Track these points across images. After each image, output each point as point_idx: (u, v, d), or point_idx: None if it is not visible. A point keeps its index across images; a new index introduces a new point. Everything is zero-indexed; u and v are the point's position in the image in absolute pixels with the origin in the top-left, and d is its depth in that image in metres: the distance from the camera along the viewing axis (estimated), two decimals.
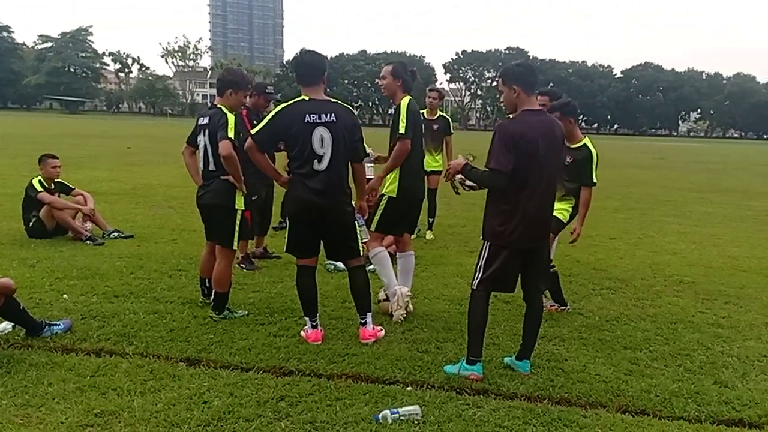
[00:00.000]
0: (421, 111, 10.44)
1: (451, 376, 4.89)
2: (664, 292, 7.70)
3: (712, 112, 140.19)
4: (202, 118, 6.13)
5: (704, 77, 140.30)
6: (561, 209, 6.42)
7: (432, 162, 10.16)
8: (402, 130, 6.06)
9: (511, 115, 4.88)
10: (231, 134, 5.77)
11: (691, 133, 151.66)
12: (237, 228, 6.08)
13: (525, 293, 5.10)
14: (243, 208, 6.11)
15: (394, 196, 6.29)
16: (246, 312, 6.27)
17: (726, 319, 6.71)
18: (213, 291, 6.20)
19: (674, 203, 17.03)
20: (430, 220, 10.55)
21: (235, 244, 6.14)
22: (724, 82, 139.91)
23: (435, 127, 10.11)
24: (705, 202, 17.46)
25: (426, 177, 10.32)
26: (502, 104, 5.08)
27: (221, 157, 5.80)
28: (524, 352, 5.10)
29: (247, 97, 6.12)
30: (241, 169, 7.73)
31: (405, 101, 6.20)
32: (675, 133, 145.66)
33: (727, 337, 6.13)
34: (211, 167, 6.04)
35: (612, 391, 4.79)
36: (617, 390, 4.81)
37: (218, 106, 6.04)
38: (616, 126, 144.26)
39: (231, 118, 5.88)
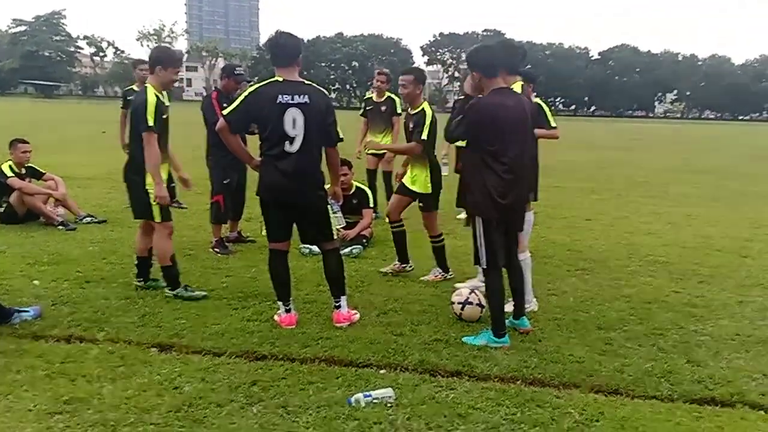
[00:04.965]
0: (370, 95, 10.76)
1: (424, 359, 4.88)
2: (639, 273, 7.74)
3: (688, 93, 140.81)
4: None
5: (680, 58, 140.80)
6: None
7: (383, 142, 10.47)
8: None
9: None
10: (151, 122, 5.78)
11: (668, 114, 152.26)
12: (150, 202, 5.95)
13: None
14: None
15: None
16: (204, 293, 6.23)
17: (700, 298, 6.75)
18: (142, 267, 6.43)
19: (650, 184, 17.11)
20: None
21: (156, 217, 6.03)
22: (700, 63, 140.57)
23: (383, 108, 10.41)
24: (680, 183, 17.55)
25: (377, 159, 10.52)
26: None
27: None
28: (518, 311, 5.59)
29: (178, 73, 6.07)
30: (214, 153, 7.67)
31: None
32: (651, 115, 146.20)
33: (701, 317, 6.17)
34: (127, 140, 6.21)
35: (585, 371, 4.81)
36: (591, 370, 4.83)
37: (146, 84, 5.97)
38: (593, 108, 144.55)
39: (151, 104, 5.79)
